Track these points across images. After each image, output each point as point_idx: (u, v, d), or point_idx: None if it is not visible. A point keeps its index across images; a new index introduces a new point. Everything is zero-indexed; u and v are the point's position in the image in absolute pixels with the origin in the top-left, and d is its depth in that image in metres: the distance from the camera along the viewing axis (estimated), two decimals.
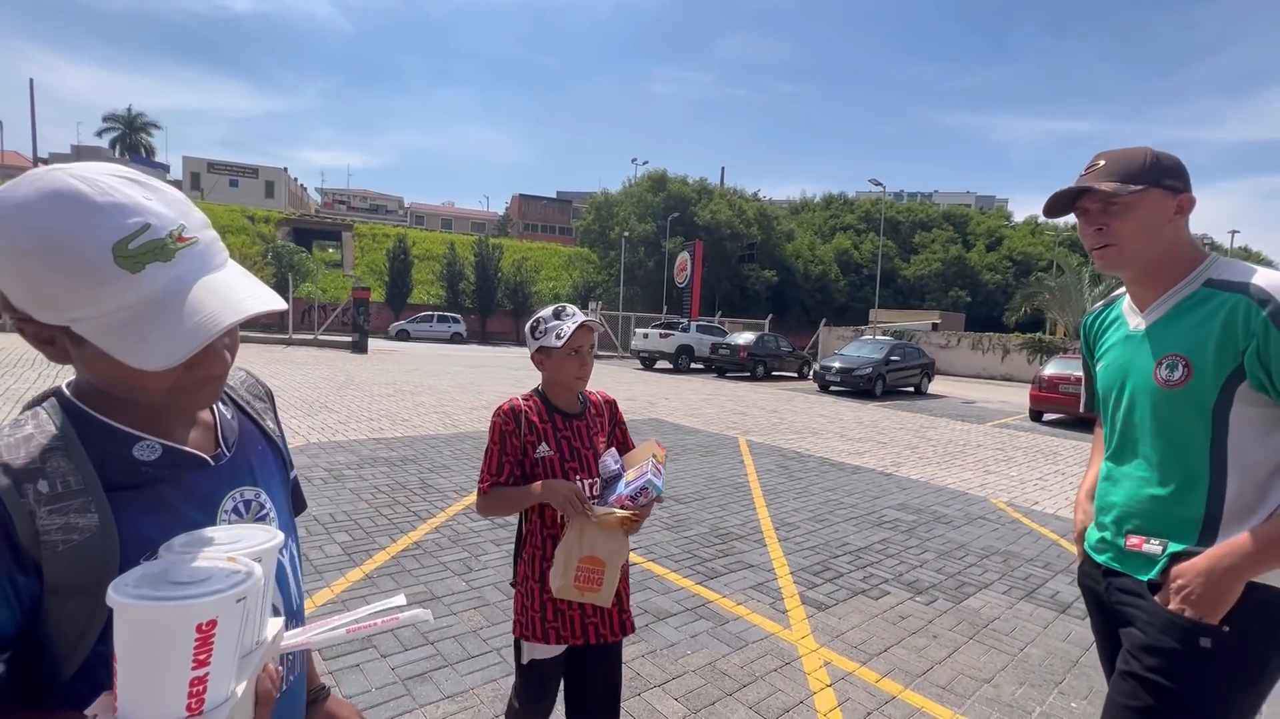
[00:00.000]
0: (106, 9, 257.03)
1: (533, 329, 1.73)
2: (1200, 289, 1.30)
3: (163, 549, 0.62)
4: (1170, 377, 1.29)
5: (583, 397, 1.82)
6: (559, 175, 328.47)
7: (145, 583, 0.54)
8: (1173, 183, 1.30)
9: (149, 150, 54.79)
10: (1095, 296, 23.63)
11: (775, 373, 20.46)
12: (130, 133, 53.60)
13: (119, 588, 0.52)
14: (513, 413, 1.70)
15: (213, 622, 0.52)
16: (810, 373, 19.60)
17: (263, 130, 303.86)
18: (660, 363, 21.81)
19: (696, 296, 28.55)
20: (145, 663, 0.52)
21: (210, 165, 50.70)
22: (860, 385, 15.64)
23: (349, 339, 20.86)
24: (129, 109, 53.81)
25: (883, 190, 33.56)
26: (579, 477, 1.69)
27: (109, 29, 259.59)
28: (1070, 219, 1.44)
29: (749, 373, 19.49)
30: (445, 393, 11.47)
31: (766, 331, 22.41)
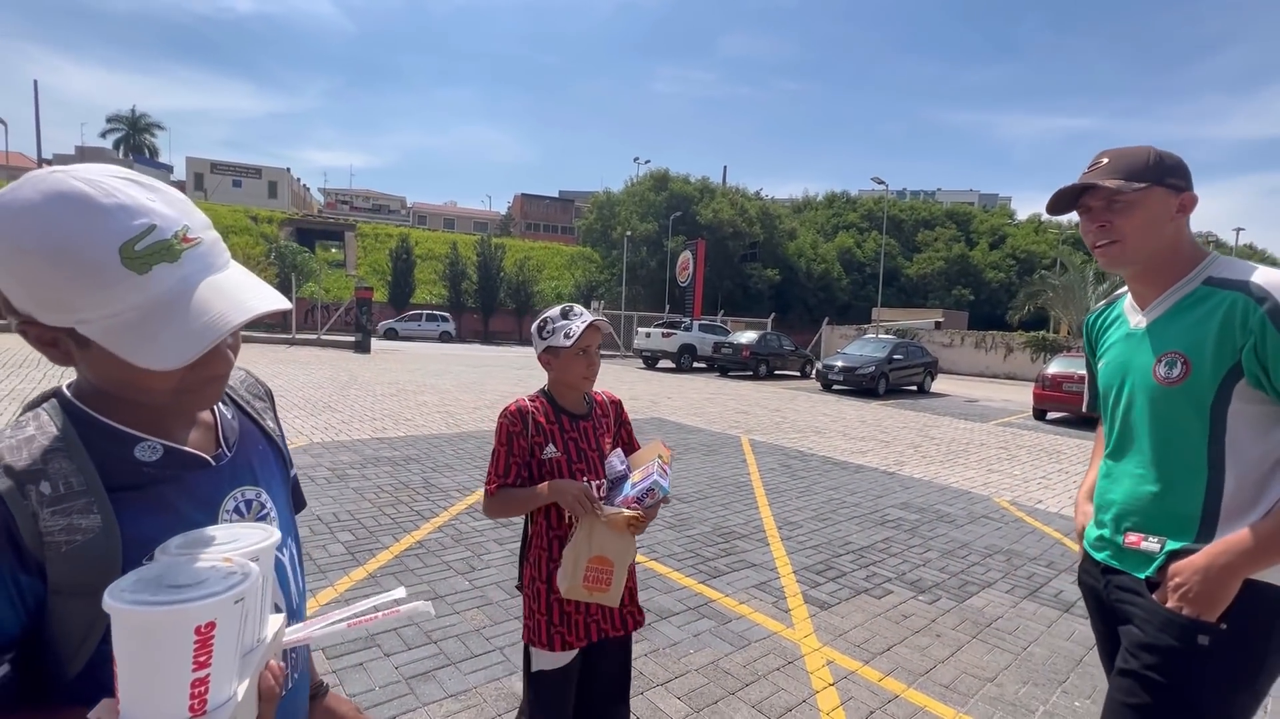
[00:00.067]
0: (110, 10, 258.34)
1: (540, 329, 1.71)
2: (1200, 287, 1.30)
3: (158, 552, 0.61)
4: (1169, 374, 1.29)
5: (589, 397, 1.80)
6: (561, 175, 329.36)
7: (142, 587, 0.53)
8: (1175, 181, 1.31)
9: (153, 151, 55.08)
10: (1099, 295, 23.52)
11: (778, 372, 20.44)
12: (134, 133, 53.90)
13: (115, 594, 0.52)
14: (519, 414, 1.68)
15: (211, 624, 0.52)
16: (813, 372, 19.61)
17: (266, 131, 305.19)
18: (662, 362, 21.80)
19: (699, 296, 28.50)
20: (145, 667, 0.52)
21: (213, 166, 50.79)
22: (863, 384, 15.61)
23: (352, 339, 20.90)
24: (133, 110, 54.18)
25: (885, 188, 33.47)
26: (586, 478, 1.67)
27: (113, 30, 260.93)
28: (1073, 217, 1.44)
29: (751, 372, 19.49)
30: (448, 392, 11.48)
31: (769, 330, 22.42)
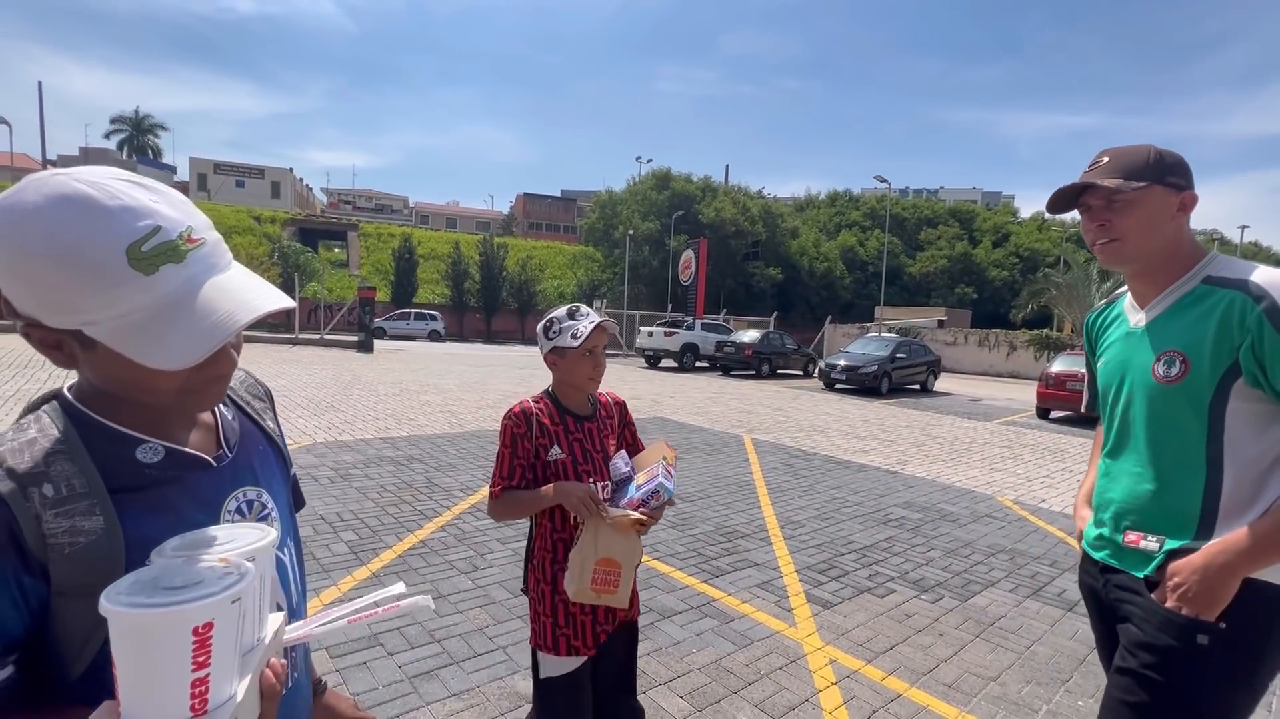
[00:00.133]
0: (114, 12, 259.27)
1: (546, 329, 1.69)
2: (1199, 286, 1.30)
3: (155, 553, 0.62)
4: (1168, 373, 1.29)
5: (593, 398, 1.79)
6: (563, 174, 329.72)
7: (138, 589, 0.54)
8: (1176, 180, 1.30)
9: (156, 152, 55.23)
10: (1102, 293, 23.45)
11: (780, 371, 20.41)
12: (137, 134, 54.04)
13: (111, 596, 0.52)
14: (523, 415, 1.66)
15: (209, 624, 0.52)
16: (815, 371, 19.57)
17: (268, 131, 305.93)
18: (665, 361, 21.79)
19: (701, 295, 28.47)
20: (145, 669, 0.52)
21: (216, 166, 50.91)
22: (866, 383, 15.58)
23: (354, 339, 20.93)
24: (136, 111, 54.27)
25: (888, 187, 33.38)
26: (591, 479, 1.66)
27: (116, 32, 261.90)
28: (1076, 215, 1.44)
29: (754, 371, 19.47)
30: (450, 392, 11.50)
31: (771, 329, 22.40)
